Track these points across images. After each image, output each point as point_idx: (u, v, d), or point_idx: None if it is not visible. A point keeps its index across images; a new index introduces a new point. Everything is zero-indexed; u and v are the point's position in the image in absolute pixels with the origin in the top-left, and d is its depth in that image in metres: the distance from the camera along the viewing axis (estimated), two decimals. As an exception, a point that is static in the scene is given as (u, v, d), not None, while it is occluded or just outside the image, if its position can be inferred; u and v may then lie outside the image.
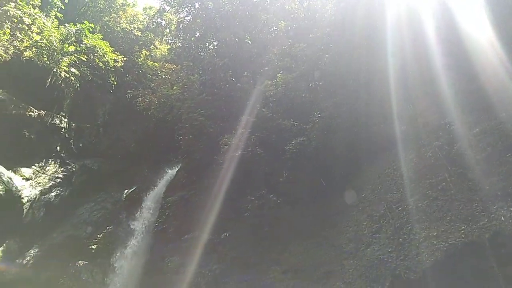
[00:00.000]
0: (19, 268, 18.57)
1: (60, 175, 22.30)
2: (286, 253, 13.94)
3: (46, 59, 20.93)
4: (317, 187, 14.53)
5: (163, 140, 28.54)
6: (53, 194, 21.34)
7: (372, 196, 12.70)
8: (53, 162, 22.36)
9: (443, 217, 9.90)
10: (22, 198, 18.14)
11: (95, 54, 24.26)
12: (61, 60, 21.80)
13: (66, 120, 23.19)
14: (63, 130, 22.92)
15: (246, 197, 15.70)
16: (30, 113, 20.13)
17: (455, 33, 11.86)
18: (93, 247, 20.94)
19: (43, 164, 21.55)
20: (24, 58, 20.01)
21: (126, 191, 25.41)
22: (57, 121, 22.26)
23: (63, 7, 24.23)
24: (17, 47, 19.80)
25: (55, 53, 21.47)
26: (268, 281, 13.56)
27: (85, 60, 23.34)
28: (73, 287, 18.68)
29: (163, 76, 27.33)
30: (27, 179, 19.50)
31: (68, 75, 22.31)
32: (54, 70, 21.41)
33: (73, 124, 24.05)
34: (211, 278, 15.38)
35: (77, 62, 22.96)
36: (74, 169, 23.59)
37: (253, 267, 14.50)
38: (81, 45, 23.23)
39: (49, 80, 21.23)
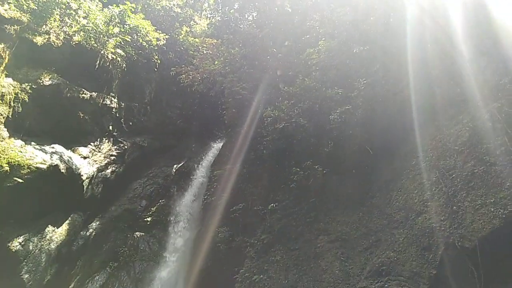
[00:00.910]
0: (84, 239, 20.24)
1: (114, 153, 23.60)
2: (334, 222, 13.91)
3: (93, 42, 21.73)
4: (365, 156, 14.15)
5: (208, 115, 29.12)
6: (108, 171, 22.71)
7: (423, 163, 12.15)
8: (106, 140, 23.65)
9: (501, 183, 9.27)
10: (82, 175, 19.43)
11: (138, 34, 24.83)
12: (107, 42, 22.55)
13: (116, 100, 24.21)
14: (114, 110, 24.00)
15: (291, 169, 15.70)
16: (83, 95, 21.20)
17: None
18: (148, 219, 22.29)
19: (98, 143, 22.85)
20: (74, 43, 20.88)
21: (175, 166, 26.46)
22: (108, 102, 23.30)
23: (105, -10, 24.83)
24: (67, 33, 20.69)
25: (101, 36, 22.20)
26: (316, 250, 13.68)
27: (129, 40, 23.97)
28: (133, 257, 20.11)
29: (204, 52, 27.44)
30: (84, 158, 20.81)
31: (114, 57, 23.12)
32: (102, 52, 22.23)
33: (123, 104, 25.09)
34: (260, 248, 15.79)
35: (122, 43, 23.64)
36: (126, 147, 24.83)
37: (300, 236, 14.67)
38: (124, 26, 23.81)
39: (98, 62, 22.11)
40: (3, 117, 16.34)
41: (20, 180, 15.68)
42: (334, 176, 14.67)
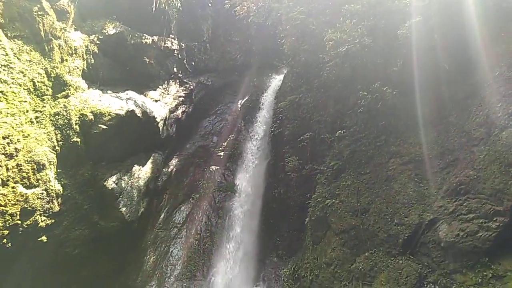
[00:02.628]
0: (166, 175, 22.23)
1: (181, 94, 24.60)
2: (406, 144, 13.48)
3: (145, -17, 21.68)
4: (439, 72, 13.02)
5: (267, 46, 28.44)
6: (179, 111, 23.93)
7: (508, 73, 10.90)
8: (173, 82, 24.58)
9: None
10: (156, 117, 20.67)
11: (189, -31, 24.20)
12: (159, -19, 22.40)
13: (176, 41, 24.58)
14: (176, 52, 24.50)
15: (358, 93, 15.11)
16: (145, 40, 21.77)
17: None
18: (221, 154, 23.61)
19: (166, 86, 23.86)
20: (128, -12, 21.04)
21: (240, 101, 27.01)
22: (169, 44, 23.75)
23: None
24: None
25: (153, -24, 22.04)
26: (388, 173, 13.57)
27: (179, -25, 23.53)
28: (211, 188, 21.80)
29: (257, -22, 26.01)
30: (156, 101, 21.99)
31: (168, -4, 23.01)
32: (156, -7, 22.21)
33: (183, 45, 25.43)
34: (330, 174, 16.06)
35: (173, -20, 23.35)
36: (192, 87, 25.68)
37: (371, 160, 14.55)
38: (174, -39, 23.26)
39: (154, 5, 22.22)
40: (80, 70, 17.55)
41: (104, 127, 17.22)
42: (405, 97, 13.85)
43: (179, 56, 25.05)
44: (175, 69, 24.70)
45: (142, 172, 19.72)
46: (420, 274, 11.36)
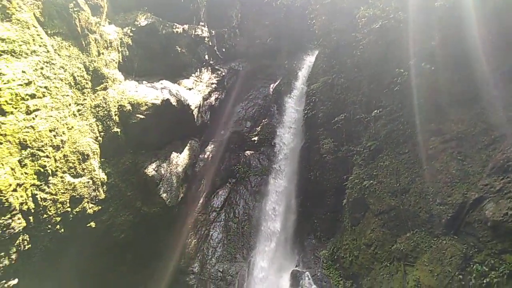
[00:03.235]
0: (203, 161, 22.69)
1: (214, 81, 24.79)
2: (447, 121, 12.95)
3: (174, -29, 21.77)
4: (483, 44, 12.28)
5: (297, 28, 27.96)
6: (212, 98, 24.17)
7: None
8: (205, 70, 24.79)
9: None
10: (190, 105, 20.94)
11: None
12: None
13: (206, 29, 24.66)
14: (206, 39, 24.61)
15: (393, 71, 14.63)
16: (176, 29, 21.97)
17: None
18: (255, 138, 23.76)
19: (198, 74, 24.11)
20: (157, -23, 21.22)
21: (272, 85, 26.86)
22: (199, 32, 23.87)
23: None
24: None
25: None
26: (428, 152, 13.16)
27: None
28: (247, 173, 22.09)
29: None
30: (189, 89, 22.29)
31: (202, -18, 23.00)
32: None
33: (213, 32, 25.49)
34: (367, 155, 15.79)
35: (201, -34, 23.28)
36: (224, 73, 25.80)
37: (409, 140, 14.16)
38: None
39: (183, -7, 22.37)
40: (116, 62, 18.05)
41: (141, 116, 17.71)
42: (444, 72, 13.22)
43: (210, 43, 25.16)
44: (206, 57, 24.86)
45: (180, 159, 20.22)
46: (465, 255, 11.05)
